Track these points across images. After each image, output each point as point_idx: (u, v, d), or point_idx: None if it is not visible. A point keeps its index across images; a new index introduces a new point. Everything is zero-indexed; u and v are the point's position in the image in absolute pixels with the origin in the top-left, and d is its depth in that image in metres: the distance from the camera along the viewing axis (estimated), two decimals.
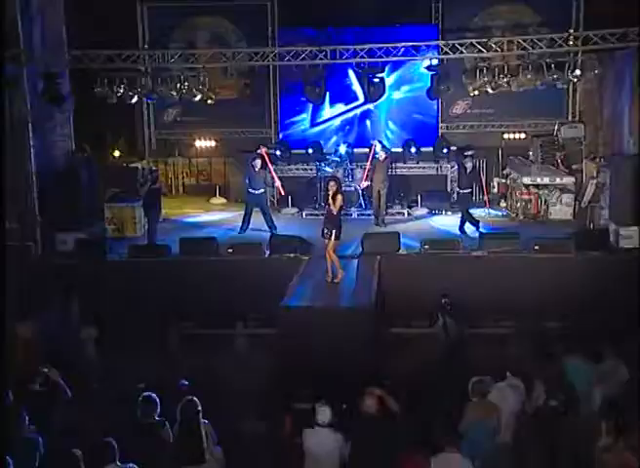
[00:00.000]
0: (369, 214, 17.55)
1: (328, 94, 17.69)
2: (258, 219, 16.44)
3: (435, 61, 17.05)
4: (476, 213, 16.93)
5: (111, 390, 9.28)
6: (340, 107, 19.98)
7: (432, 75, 17.08)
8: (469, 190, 16.39)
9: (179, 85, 16.98)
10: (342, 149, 18.93)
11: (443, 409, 8.02)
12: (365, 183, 17.63)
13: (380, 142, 18.10)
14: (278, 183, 17.38)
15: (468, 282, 13.27)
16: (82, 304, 12.37)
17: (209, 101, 17.90)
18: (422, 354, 11.32)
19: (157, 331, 12.42)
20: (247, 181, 16.40)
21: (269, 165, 16.68)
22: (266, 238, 14.96)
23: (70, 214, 15.24)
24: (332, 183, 12.36)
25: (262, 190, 16.44)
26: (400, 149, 19.45)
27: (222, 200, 20.04)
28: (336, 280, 12.68)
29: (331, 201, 12.25)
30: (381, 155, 16.92)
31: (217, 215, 18.48)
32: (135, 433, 7.49)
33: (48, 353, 9.94)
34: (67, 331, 11.53)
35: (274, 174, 17.34)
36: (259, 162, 16.28)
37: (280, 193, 18.03)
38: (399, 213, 18.06)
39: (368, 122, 20.03)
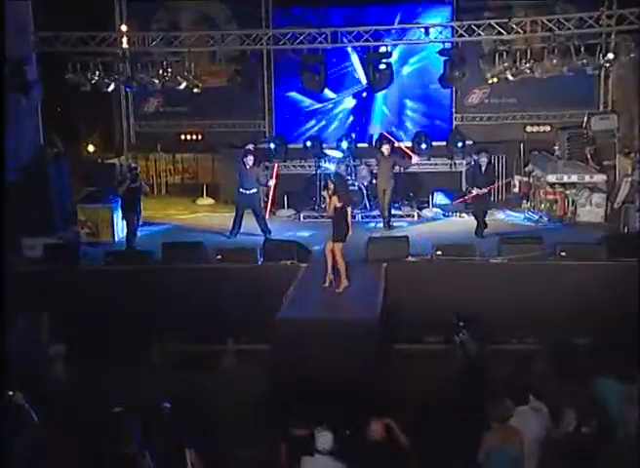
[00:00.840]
0: (374, 217, 17.53)
1: (328, 81, 17.66)
2: (250, 222, 16.41)
3: (448, 45, 17.03)
4: (496, 215, 16.92)
5: (84, 414, 9.21)
6: (344, 96, 19.97)
7: (445, 60, 17.04)
8: (486, 190, 16.29)
9: (161, 71, 16.93)
10: (344, 144, 18.91)
11: (458, 435, 7.97)
12: None
13: (391, 133, 18.17)
14: (272, 183, 17.35)
15: (486, 292, 13.22)
16: (52, 317, 12.31)
17: (195, 90, 17.85)
18: (434, 373, 11.27)
19: (137, 348, 12.36)
20: (238, 180, 16.37)
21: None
22: (260, 243, 14.92)
23: (39, 215, 15.21)
24: (328, 183, 13.00)
25: (255, 190, 16.40)
26: (409, 143, 19.42)
27: (210, 201, 20.00)
28: (337, 290, 12.75)
29: (328, 201, 12.80)
30: (385, 150, 16.91)
31: (204, 218, 18.44)
32: (110, 463, 7.42)
33: (12, 371, 9.87)
34: (35, 347, 11.47)
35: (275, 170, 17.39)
36: (251, 158, 16.27)
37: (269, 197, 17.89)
38: (408, 214, 18.02)
39: (384, 108, 19.97)
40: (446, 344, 12.10)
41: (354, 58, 19.39)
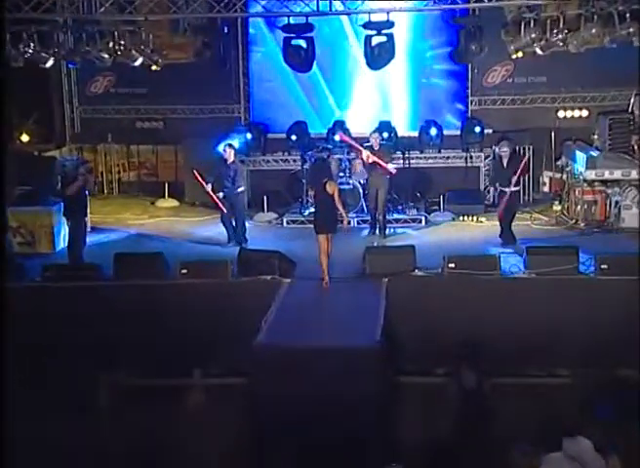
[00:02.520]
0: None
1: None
2: (219, 228, 16.50)
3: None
4: (521, 220, 17.00)
5: None
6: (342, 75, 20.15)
7: (459, 31, 17.11)
8: (514, 188, 16.28)
9: (111, 44, 16.92)
10: (337, 136, 18.97)
11: None
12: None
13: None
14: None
15: (509, 314, 13.25)
16: None
17: (154, 67, 17.86)
18: (447, 411, 11.29)
19: (81, 384, 12.35)
20: (219, 179, 16.40)
21: None
22: (233, 254, 14.96)
23: None
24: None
25: (243, 188, 16.59)
26: (416, 133, 19.51)
27: (173, 202, 20.02)
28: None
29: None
30: (374, 140, 16.95)
31: (165, 224, 18.49)
32: None
33: None
34: None
35: None
36: (231, 151, 16.32)
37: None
38: (414, 219, 18.10)
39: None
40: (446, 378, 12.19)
41: (348, 28, 19.45)
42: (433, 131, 19.35)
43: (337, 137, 18.76)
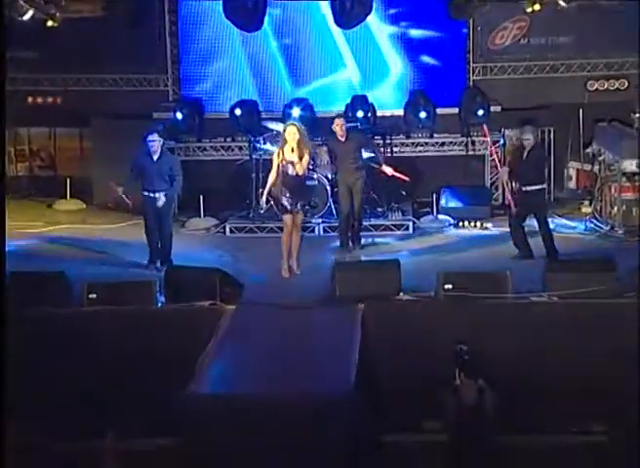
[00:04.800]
0: None
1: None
2: (141, 238, 16.59)
3: None
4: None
5: None
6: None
7: None
8: (538, 186, 16.38)
9: None
10: (296, 112, 19.02)
11: None
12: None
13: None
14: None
15: (523, 349, 13.31)
16: None
17: (49, 23, 17.83)
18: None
19: None
20: (136, 177, 16.31)
21: None
22: (159, 273, 14.98)
23: None
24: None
25: (165, 192, 16.29)
26: (401, 112, 19.59)
27: (77, 204, 20.03)
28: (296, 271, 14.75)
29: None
30: (339, 128, 17.03)
31: (67, 232, 18.55)
32: None
33: None
34: None
35: None
36: (156, 140, 16.19)
37: None
38: (399, 225, 18.28)
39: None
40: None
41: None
42: (422, 112, 19.37)
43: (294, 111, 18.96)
